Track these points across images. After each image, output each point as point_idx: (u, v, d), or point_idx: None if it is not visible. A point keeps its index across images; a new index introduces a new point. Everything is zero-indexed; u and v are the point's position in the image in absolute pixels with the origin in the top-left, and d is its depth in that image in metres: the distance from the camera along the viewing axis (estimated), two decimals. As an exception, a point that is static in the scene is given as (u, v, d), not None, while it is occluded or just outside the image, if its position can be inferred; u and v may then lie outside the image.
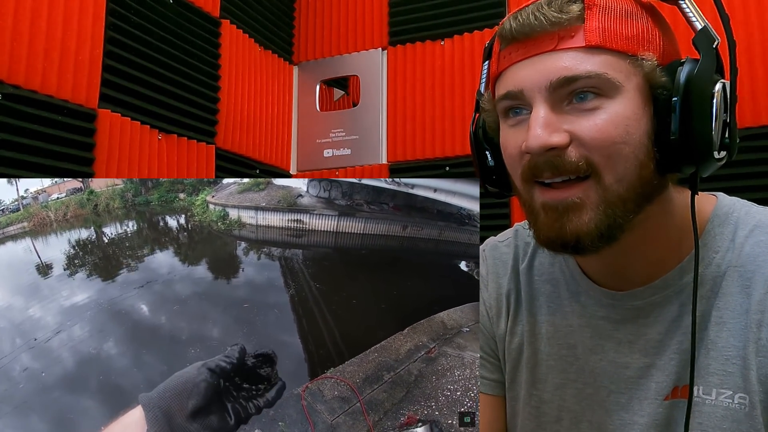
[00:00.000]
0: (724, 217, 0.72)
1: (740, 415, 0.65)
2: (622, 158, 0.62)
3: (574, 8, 0.62)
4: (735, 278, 0.68)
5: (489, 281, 0.89)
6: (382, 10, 2.43)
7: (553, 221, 0.65)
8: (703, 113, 0.61)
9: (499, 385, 0.87)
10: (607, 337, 0.75)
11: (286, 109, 2.54)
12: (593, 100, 0.62)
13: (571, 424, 0.78)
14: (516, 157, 0.67)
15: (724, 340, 0.67)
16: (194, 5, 2.01)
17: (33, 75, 1.47)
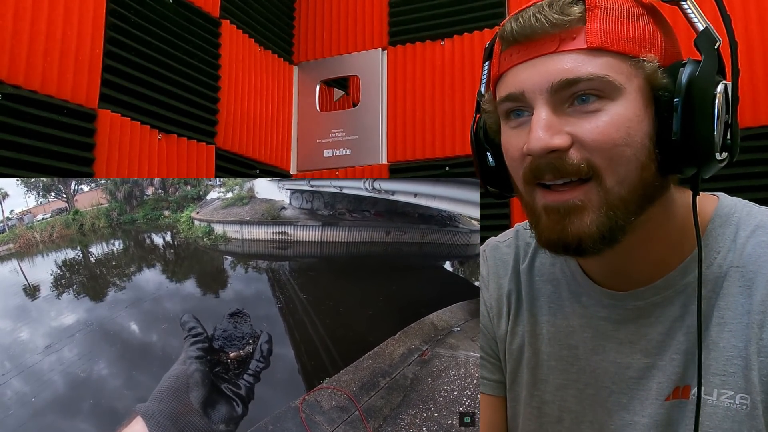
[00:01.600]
0: (725, 217, 0.72)
1: (741, 416, 0.65)
2: (624, 160, 0.62)
3: (575, 10, 0.62)
4: (736, 279, 0.68)
5: (490, 281, 0.89)
6: (382, 10, 2.43)
7: (555, 223, 0.65)
8: (704, 114, 0.60)
9: (500, 386, 0.87)
10: (608, 338, 0.75)
11: (286, 109, 2.54)
12: (595, 102, 0.62)
13: (572, 425, 0.78)
14: (517, 159, 0.67)
15: (725, 341, 0.67)
16: (194, 5, 2.01)
17: (33, 75, 1.47)
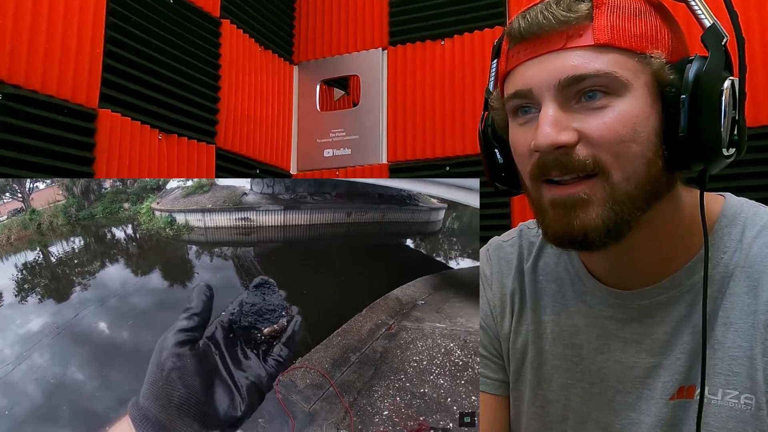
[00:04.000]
0: (732, 217, 0.71)
1: (746, 416, 0.65)
2: (631, 156, 0.62)
3: (582, 7, 0.62)
4: (742, 279, 0.68)
5: (493, 281, 0.89)
6: (382, 10, 2.43)
7: (561, 217, 0.64)
8: (711, 110, 0.60)
9: (502, 385, 0.87)
10: (613, 337, 0.75)
11: (286, 109, 2.54)
12: (602, 98, 0.62)
13: (577, 424, 0.78)
14: (525, 156, 0.67)
15: (730, 341, 0.67)
16: (194, 5, 2.01)
17: (33, 75, 1.47)
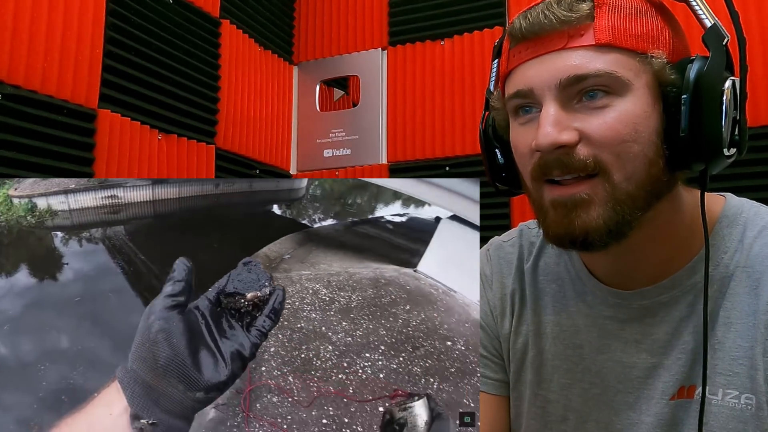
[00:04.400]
0: (732, 217, 0.71)
1: (746, 416, 0.65)
2: (631, 156, 0.62)
3: (583, 7, 0.62)
4: (743, 279, 0.68)
5: (493, 281, 0.88)
6: (382, 10, 2.43)
7: (562, 217, 0.64)
8: (712, 110, 0.61)
9: (502, 385, 0.87)
10: (613, 337, 0.75)
11: (286, 109, 2.54)
12: (603, 98, 0.62)
13: (577, 424, 0.78)
14: (526, 156, 0.67)
15: (731, 341, 0.67)
16: (194, 5, 2.01)
17: (33, 75, 1.47)
